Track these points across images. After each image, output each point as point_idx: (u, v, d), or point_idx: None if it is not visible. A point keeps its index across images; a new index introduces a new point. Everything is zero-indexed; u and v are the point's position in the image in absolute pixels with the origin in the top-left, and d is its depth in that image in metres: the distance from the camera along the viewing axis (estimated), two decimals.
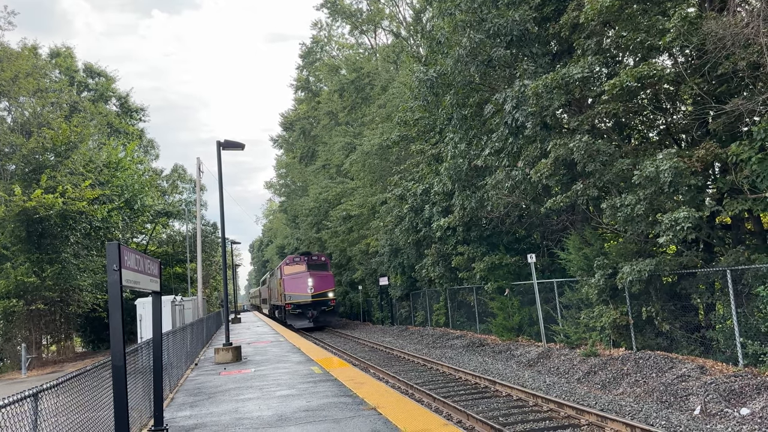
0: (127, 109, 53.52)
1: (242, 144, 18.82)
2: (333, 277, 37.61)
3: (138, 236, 46.68)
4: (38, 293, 28.50)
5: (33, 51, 38.94)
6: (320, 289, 35.57)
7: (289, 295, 35.80)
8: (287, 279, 36.57)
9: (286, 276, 36.97)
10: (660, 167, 11.14)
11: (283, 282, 37.18)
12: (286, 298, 35.93)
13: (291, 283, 36.06)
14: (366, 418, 8.48)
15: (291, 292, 35.81)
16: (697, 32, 11.30)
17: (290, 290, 35.86)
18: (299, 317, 35.37)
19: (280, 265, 38.69)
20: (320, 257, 38.49)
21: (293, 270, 36.97)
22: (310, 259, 37.71)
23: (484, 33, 15.83)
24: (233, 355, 17.48)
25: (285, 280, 36.72)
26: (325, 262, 38.44)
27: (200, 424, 8.91)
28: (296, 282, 35.80)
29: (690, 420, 9.18)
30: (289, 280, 36.34)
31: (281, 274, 38.00)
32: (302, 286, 35.52)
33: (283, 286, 36.73)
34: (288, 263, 37.89)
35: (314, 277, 35.73)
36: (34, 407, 4.90)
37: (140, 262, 7.14)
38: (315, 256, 38.42)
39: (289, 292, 35.89)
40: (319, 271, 36.78)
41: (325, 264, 38.24)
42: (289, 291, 35.91)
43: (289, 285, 36.10)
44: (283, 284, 37.17)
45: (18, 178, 30.95)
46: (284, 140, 66.27)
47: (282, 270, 38.00)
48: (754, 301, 11.00)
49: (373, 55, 49.14)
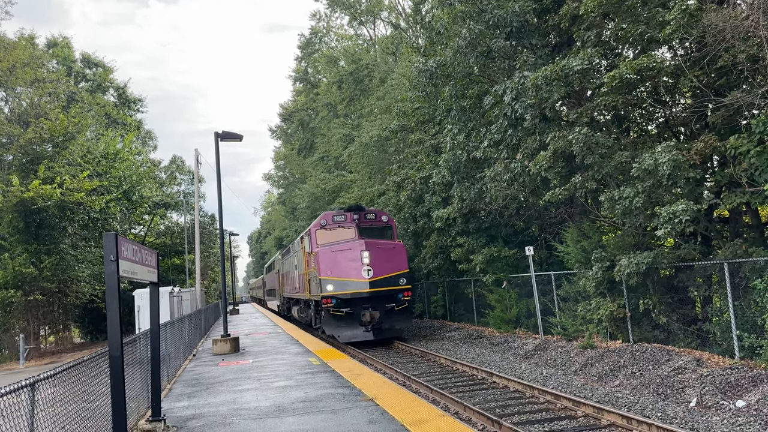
0: (124, 100, 53.39)
1: (240, 135, 18.79)
2: (404, 250, 21.57)
3: (136, 227, 46.68)
4: (36, 284, 28.52)
5: (30, 41, 38.77)
6: (385, 272, 20.28)
7: (326, 281, 20.31)
8: (324, 254, 20.74)
9: (321, 248, 21.12)
10: (659, 160, 11.13)
11: (314, 260, 21.44)
12: (320, 287, 20.43)
13: (330, 261, 20.54)
14: (363, 409, 8.51)
15: (331, 275, 20.35)
16: (697, 24, 11.26)
17: (329, 272, 20.41)
18: (346, 322, 20.14)
19: (310, 230, 22.58)
20: (379, 215, 22.48)
21: (334, 237, 21.51)
22: (363, 217, 21.87)
23: (484, 24, 15.77)
24: (231, 346, 17.51)
25: (320, 255, 20.75)
26: (389, 223, 22.46)
27: (198, 415, 8.93)
28: (340, 258, 20.49)
29: (686, 412, 9.22)
30: (326, 256, 20.67)
31: (311, 244, 22.12)
32: (352, 266, 20.25)
33: (317, 266, 20.94)
34: (324, 225, 21.92)
35: (374, 249, 20.38)
36: (30, 397, 4.90)
37: (137, 253, 7.14)
38: (371, 213, 22.49)
39: (328, 275, 20.37)
40: (381, 239, 21.52)
41: (389, 227, 22.36)
42: (328, 274, 20.39)
43: (327, 264, 20.55)
44: (315, 263, 21.35)
45: (16, 168, 30.90)
46: (283, 131, 66.14)
47: (313, 238, 22.01)
48: (750, 294, 11.02)
49: (372, 47, 48.96)
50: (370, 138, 31.67)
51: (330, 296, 20.06)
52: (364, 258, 20.02)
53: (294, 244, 29.28)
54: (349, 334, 19.96)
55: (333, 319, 20.14)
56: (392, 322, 20.42)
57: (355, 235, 21.12)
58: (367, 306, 20.06)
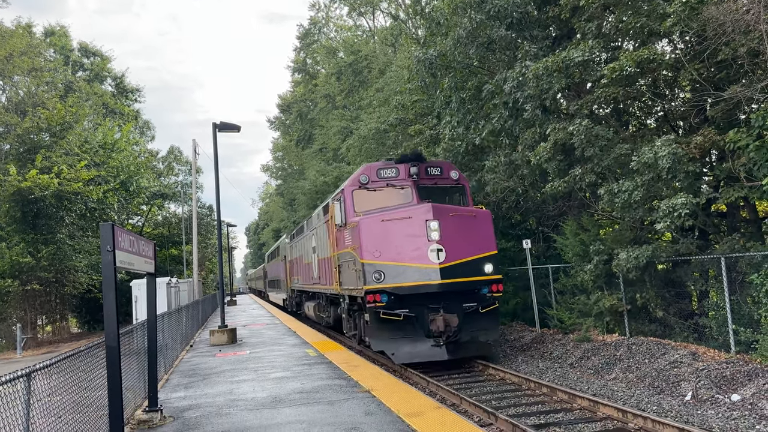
0: (122, 90, 53.17)
1: (238, 126, 18.73)
2: (491, 222, 14.01)
3: (134, 218, 46.64)
4: (33, 274, 28.50)
5: (27, 29, 38.50)
6: (464, 254, 13.07)
7: (372, 268, 12.90)
8: (368, 225, 13.41)
9: (362, 217, 13.73)
10: (659, 153, 11.12)
11: (352, 234, 14.13)
12: (362, 275, 13.05)
13: (378, 236, 13.18)
14: (360, 400, 8.53)
15: (380, 258, 13.01)
16: (698, 17, 11.22)
17: (377, 254, 13.03)
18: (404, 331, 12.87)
19: (343, 192, 14.88)
20: (446, 169, 15.01)
21: (380, 201, 14.23)
22: (425, 171, 14.64)
23: (485, 14, 15.71)
24: (228, 337, 17.54)
25: (361, 227, 13.42)
26: (460, 182, 15.06)
27: (195, 405, 8.95)
28: (394, 232, 13.09)
29: (681, 405, 9.26)
30: (371, 228, 13.35)
31: (344, 212, 14.62)
32: (413, 245, 12.86)
33: (357, 243, 13.53)
34: (364, 183, 14.47)
35: (446, 219, 13.06)
36: (26, 387, 4.89)
37: (134, 244, 7.12)
38: (435, 165, 15.05)
39: (375, 258, 13.01)
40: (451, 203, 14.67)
41: (460, 188, 15.05)
42: (375, 257, 13.03)
43: (374, 240, 13.15)
44: (352, 238, 14.08)
45: (13, 158, 30.80)
46: (281, 122, 65.96)
47: (347, 203, 14.53)
48: (747, 289, 11.05)
49: (372, 38, 48.75)
50: (368, 130, 31.59)
51: (379, 290, 12.45)
52: (431, 231, 12.50)
53: (311, 220, 21.70)
54: (410, 351, 12.57)
55: (383, 325, 12.62)
56: (475, 331, 12.99)
57: (412, 198, 13.72)
58: (437, 306, 12.60)
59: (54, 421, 5.32)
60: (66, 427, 5.52)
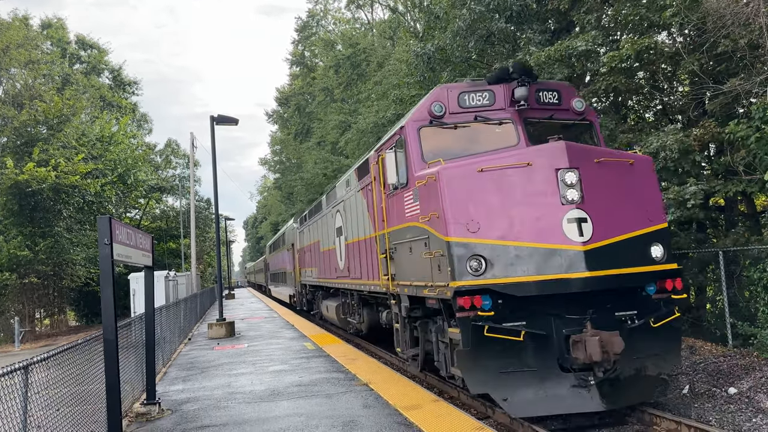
0: (119, 83, 52.95)
1: (236, 119, 18.69)
2: (654, 174, 8.17)
3: (131, 211, 46.54)
4: (31, 267, 28.49)
5: (24, 21, 38.35)
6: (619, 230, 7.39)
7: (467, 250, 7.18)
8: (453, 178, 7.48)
9: (444, 166, 7.65)
10: (666, 143, 11.07)
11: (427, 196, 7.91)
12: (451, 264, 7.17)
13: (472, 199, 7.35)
14: (358, 393, 8.54)
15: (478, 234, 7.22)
16: (698, 9, 11.19)
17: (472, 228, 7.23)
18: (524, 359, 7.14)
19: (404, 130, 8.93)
20: (567, 96, 9.00)
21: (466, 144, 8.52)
22: (534, 99, 8.68)
23: (484, 6, 15.65)
24: (226, 330, 17.55)
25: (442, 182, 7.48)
26: (586, 117, 9.15)
27: (193, 398, 8.96)
28: (502, 190, 7.37)
29: (678, 399, 9.28)
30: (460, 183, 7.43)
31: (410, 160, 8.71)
32: (536, 210, 7.24)
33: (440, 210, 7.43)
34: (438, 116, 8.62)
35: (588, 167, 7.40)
36: (24, 380, 4.89)
37: (132, 237, 7.10)
38: (550, 89, 8.98)
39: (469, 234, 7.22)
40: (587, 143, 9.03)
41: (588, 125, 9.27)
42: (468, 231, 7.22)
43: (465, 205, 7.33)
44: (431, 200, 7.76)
45: (10, 151, 30.70)
46: (279, 116, 65.80)
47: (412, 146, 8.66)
48: (745, 283, 11.06)
49: (370, 31, 48.60)
50: (366, 124, 31.53)
51: (480, 288, 7.14)
52: (567, 189, 7.34)
53: (333, 192, 16.48)
54: (536, 396, 7.19)
55: (488, 349, 7.17)
56: (642, 358, 7.58)
57: (519, 139, 8.57)
58: (581, 317, 7.34)
59: (52, 414, 5.31)
60: (64, 420, 5.52)
